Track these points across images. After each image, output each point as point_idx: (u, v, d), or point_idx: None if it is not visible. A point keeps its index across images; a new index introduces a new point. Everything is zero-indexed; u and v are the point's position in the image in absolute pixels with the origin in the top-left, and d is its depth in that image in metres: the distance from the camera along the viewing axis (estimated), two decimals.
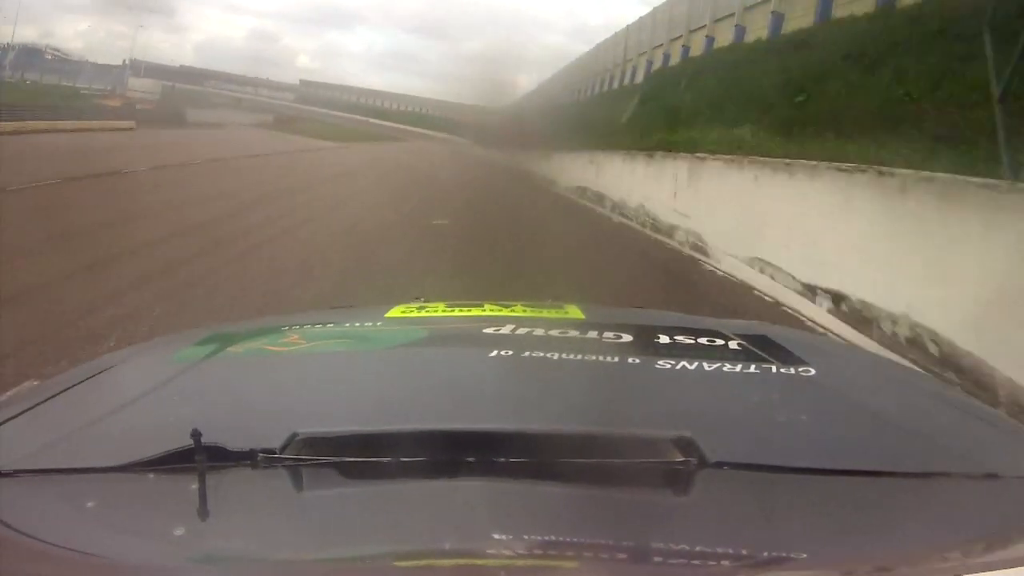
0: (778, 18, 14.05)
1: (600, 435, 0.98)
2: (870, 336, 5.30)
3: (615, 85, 24.04)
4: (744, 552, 0.82)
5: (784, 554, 0.82)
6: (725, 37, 16.64)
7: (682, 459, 0.92)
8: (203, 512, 0.87)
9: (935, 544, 0.83)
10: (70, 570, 0.78)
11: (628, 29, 23.89)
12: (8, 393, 1.37)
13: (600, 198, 14.77)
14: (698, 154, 10.04)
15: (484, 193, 15.32)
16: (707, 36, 17.66)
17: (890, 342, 5.07)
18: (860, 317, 5.57)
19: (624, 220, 12.71)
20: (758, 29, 15.05)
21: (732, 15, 16.49)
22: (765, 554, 0.82)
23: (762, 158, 8.07)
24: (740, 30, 16.04)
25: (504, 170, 19.18)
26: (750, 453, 0.96)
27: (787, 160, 7.36)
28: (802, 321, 6.01)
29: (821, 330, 5.56)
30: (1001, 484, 0.96)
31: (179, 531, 0.86)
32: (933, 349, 4.69)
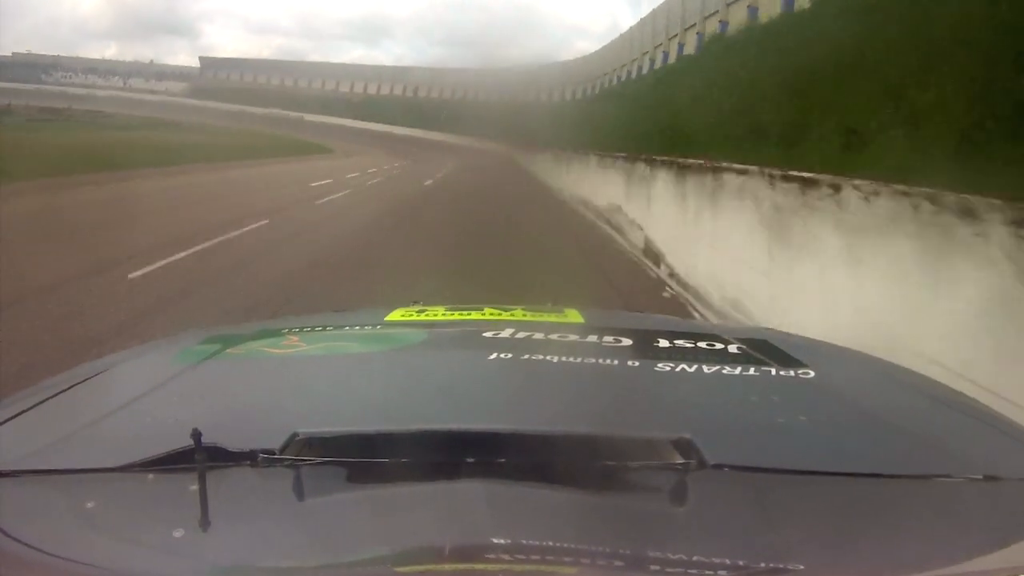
0: None
1: (599, 437, 0.98)
2: None
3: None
4: (742, 554, 0.82)
5: (782, 557, 0.82)
6: None
7: (681, 461, 0.92)
8: (203, 512, 0.88)
9: (935, 547, 0.83)
10: (69, 571, 0.78)
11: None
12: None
13: None
14: None
15: None
16: None
17: None
18: None
19: None
20: None
21: None
22: (763, 558, 0.82)
23: None
24: None
25: None
26: (749, 455, 0.97)
27: None
28: None
29: None
30: (1001, 486, 0.95)
31: (178, 531, 0.86)
32: None
